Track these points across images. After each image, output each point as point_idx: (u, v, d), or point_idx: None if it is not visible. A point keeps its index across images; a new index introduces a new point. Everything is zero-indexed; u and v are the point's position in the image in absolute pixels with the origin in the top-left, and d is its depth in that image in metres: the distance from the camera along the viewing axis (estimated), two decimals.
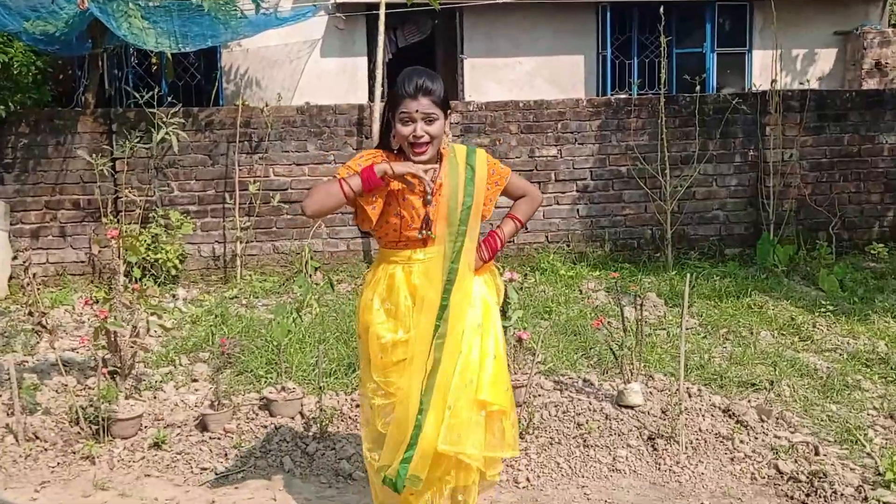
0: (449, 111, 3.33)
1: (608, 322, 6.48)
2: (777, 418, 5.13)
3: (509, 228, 3.63)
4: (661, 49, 9.64)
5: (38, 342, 6.50)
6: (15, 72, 8.57)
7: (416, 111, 3.21)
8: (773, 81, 9.99)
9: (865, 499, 4.18)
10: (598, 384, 5.61)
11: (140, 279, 7.58)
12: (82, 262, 9.07)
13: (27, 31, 8.40)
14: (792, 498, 4.32)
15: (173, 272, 8.80)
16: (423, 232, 3.32)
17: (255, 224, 9.25)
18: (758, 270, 9.06)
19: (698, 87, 9.72)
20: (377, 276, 3.45)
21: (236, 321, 7.19)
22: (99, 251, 8.91)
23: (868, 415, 5.25)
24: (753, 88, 11.42)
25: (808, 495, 4.30)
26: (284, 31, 10.94)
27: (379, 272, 3.45)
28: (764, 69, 12.49)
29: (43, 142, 8.99)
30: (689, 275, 5.39)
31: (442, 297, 3.32)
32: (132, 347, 5.56)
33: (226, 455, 4.83)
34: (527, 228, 9.55)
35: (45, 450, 4.84)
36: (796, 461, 4.61)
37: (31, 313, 5.49)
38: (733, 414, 5.15)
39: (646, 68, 12.73)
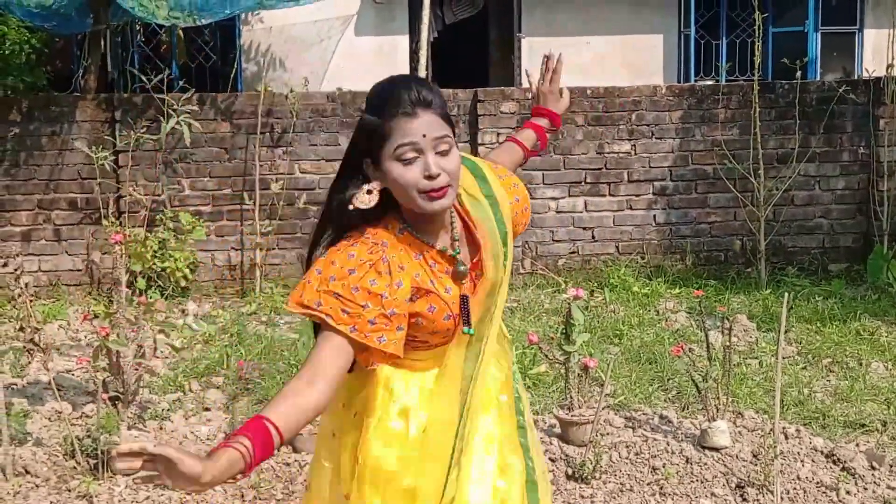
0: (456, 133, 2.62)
1: (690, 349, 6.45)
2: (891, 465, 5.08)
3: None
4: (756, 28, 9.58)
5: (29, 362, 6.61)
6: (6, 51, 8.75)
7: (424, 136, 2.42)
8: (889, 66, 9.87)
9: None
10: (678, 422, 5.59)
11: (145, 291, 7.70)
12: (79, 270, 9.21)
13: (20, 3, 8.55)
14: None
15: (183, 283, 8.89)
16: (465, 329, 2.60)
17: (277, 229, 9.33)
18: (868, 290, 8.94)
19: (799, 73, 9.60)
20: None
21: (255, 341, 7.26)
22: (99, 258, 9.05)
23: None
24: (865, 75, 11.29)
25: None
26: (314, 5, 11.03)
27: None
28: (877, 52, 12.33)
29: (36, 131, 9.15)
30: (786, 294, 5.35)
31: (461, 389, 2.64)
32: (136, 370, 5.63)
33: (243, 496, 4.87)
34: (593, 237, 9.56)
35: (37, 486, 4.93)
36: None
37: (21, 329, 5.56)
38: (838, 459, 5.10)
39: (736, 50, 12.66)
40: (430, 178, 2.40)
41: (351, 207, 2.45)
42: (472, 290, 2.60)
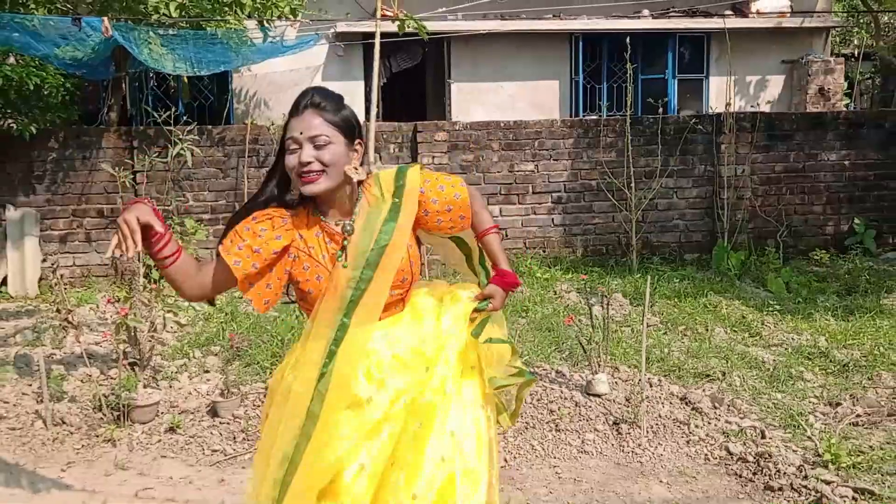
0: (358, 140, 2.43)
1: (579, 319, 6.51)
2: (728, 405, 5.17)
3: (496, 244, 2.73)
4: (628, 75, 9.70)
5: (64, 337, 6.49)
6: (46, 93, 8.57)
7: (301, 133, 2.34)
8: (728, 105, 10.07)
9: (805, 477, 4.22)
10: (569, 375, 5.63)
11: (158, 280, 7.56)
12: (105, 265, 9.04)
13: (58, 56, 8.39)
14: (740, 476, 4.36)
15: None
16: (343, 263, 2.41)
17: None
18: (713, 274, 9.09)
19: (661, 110, 9.75)
20: None
21: (245, 318, 7.19)
22: (121, 255, 8.88)
23: (809, 402, 5.29)
24: (710, 111, 11.49)
25: (754, 474, 4.34)
26: (290, 57, 10.93)
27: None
28: (719, 94, 12.56)
29: (70, 156, 8.98)
30: (650, 277, 5.41)
31: (322, 364, 2.37)
32: (150, 341, 5.57)
33: (234, 438, 4.84)
34: (507, 236, 9.59)
35: (71, 433, 4.85)
36: (745, 444, 4.65)
37: (58, 311, 5.48)
38: (689, 402, 5.18)
39: (614, 92, 12.78)
40: (301, 164, 2.34)
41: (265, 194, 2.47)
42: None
